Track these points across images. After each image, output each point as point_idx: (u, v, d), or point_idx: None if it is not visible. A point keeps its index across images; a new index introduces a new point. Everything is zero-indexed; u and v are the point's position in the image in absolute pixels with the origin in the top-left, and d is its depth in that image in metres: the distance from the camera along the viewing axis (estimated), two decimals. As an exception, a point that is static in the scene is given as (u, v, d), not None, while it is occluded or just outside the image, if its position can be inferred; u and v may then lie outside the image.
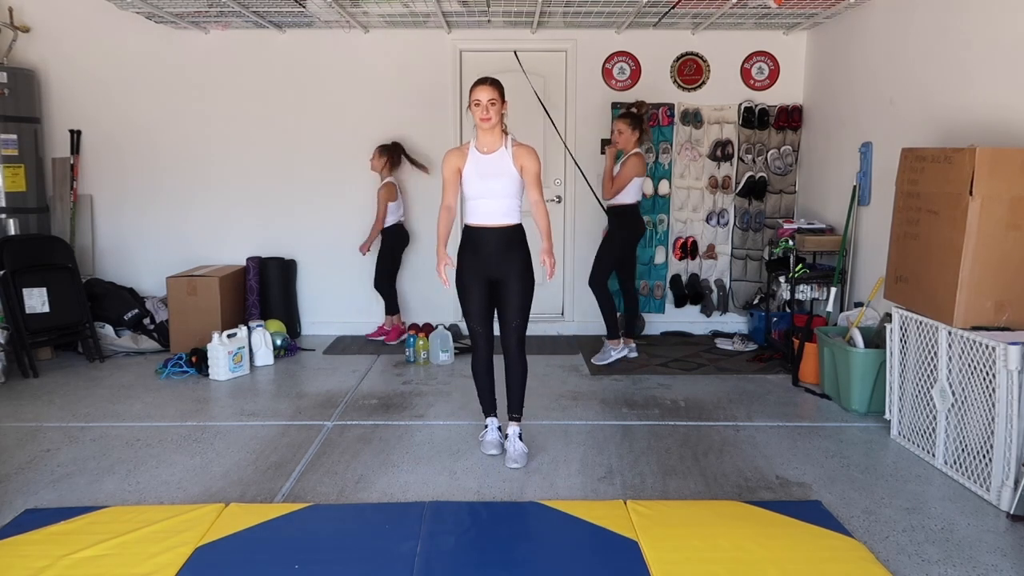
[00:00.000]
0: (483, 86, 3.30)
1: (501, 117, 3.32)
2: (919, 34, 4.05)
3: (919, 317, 3.40)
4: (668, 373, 4.76)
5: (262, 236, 5.69)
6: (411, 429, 3.77)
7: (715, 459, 3.40)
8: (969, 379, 3.09)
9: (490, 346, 3.43)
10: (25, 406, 4.10)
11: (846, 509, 2.91)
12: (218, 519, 2.74)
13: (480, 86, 3.30)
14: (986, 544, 2.65)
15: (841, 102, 4.98)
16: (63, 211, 5.54)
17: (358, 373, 4.76)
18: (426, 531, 2.68)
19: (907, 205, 3.49)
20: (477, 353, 3.44)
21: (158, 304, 5.37)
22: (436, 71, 5.56)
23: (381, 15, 5.07)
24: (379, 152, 5.36)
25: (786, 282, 4.93)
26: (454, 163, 3.35)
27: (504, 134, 3.35)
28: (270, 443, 3.58)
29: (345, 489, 3.09)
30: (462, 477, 3.21)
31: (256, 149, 5.62)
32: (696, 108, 5.60)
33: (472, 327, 3.41)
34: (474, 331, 3.40)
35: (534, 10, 4.92)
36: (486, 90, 3.28)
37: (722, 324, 5.84)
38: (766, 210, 5.67)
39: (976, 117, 3.56)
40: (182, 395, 4.30)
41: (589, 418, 3.94)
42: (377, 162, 5.35)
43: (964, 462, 3.14)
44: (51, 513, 2.82)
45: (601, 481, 3.17)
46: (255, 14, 4.96)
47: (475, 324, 3.39)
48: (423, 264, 5.66)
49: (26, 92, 5.24)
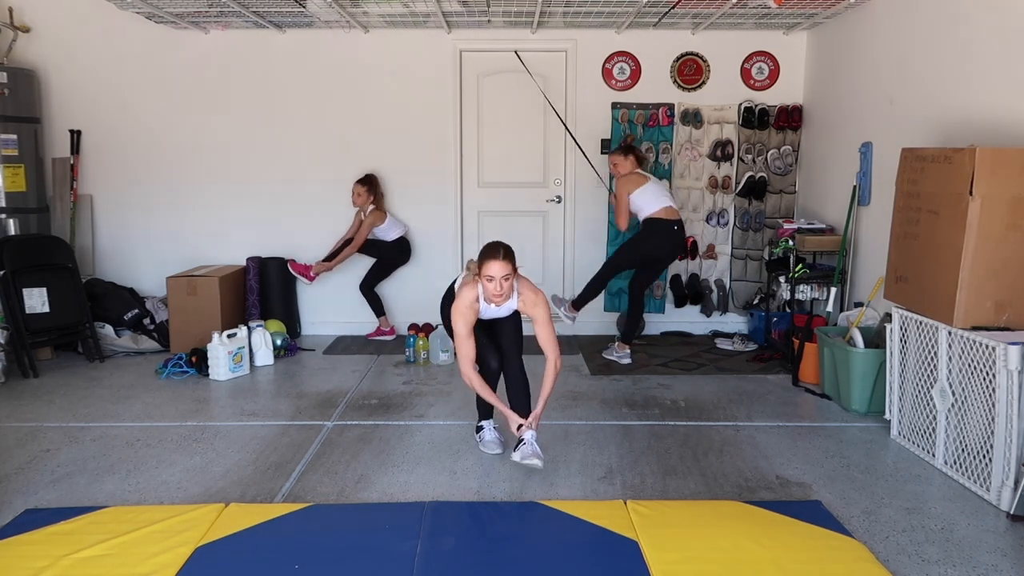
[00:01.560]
0: (496, 261, 3.00)
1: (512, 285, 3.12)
2: (919, 34, 4.05)
3: (919, 317, 3.40)
4: (668, 373, 4.76)
5: (262, 236, 5.69)
6: (411, 429, 3.77)
7: (715, 459, 3.40)
8: (969, 379, 3.09)
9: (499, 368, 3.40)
10: (25, 406, 4.10)
11: (846, 509, 2.91)
12: (218, 519, 2.74)
13: (493, 260, 3.00)
14: (986, 544, 2.65)
15: (841, 102, 4.98)
16: (63, 211, 5.54)
17: (358, 373, 4.76)
18: (426, 531, 2.68)
19: (907, 205, 3.49)
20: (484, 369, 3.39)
21: (158, 304, 5.37)
22: (436, 71, 5.56)
23: (381, 15, 5.07)
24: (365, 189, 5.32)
25: (786, 282, 4.93)
26: (470, 321, 3.17)
27: None
28: (270, 443, 3.58)
29: (345, 489, 3.09)
30: (462, 477, 3.21)
31: (256, 149, 5.62)
32: (696, 108, 5.60)
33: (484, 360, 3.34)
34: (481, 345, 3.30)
35: (534, 10, 4.92)
36: (500, 266, 3.00)
37: (722, 324, 5.84)
38: (766, 210, 5.67)
39: (976, 117, 3.56)
40: (182, 395, 4.30)
41: (589, 418, 3.94)
42: (364, 198, 5.32)
43: (964, 462, 3.14)
44: (51, 513, 2.82)
45: (601, 481, 3.17)
46: (255, 14, 4.96)
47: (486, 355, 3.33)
48: (423, 265, 5.67)
49: (26, 92, 5.24)
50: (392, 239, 5.45)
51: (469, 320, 3.18)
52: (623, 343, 5.03)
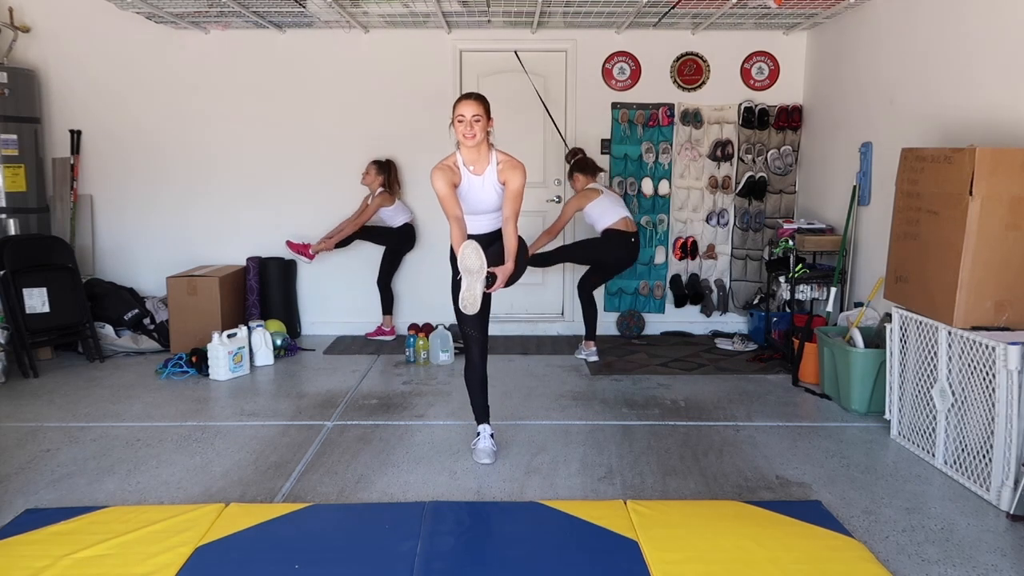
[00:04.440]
0: (467, 101, 3.17)
1: (487, 135, 3.19)
2: (919, 34, 4.05)
3: (919, 317, 3.40)
4: (668, 373, 4.76)
5: (262, 236, 5.69)
6: (411, 429, 3.77)
7: (715, 459, 3.40)
8: (969, 379, 3.09)
9: (484, 352, 3.37)
10: (25, 406, 4.10)
11: (846, 509, 2.91)
12: (218, 519, 2.74)
13: (464, 101, 3.17)
14: (986, 544, 2.65)
15: (841, 102, 4.98)
16: (63, 211, 5.54)
17: (358, 373, 4.76)
18: (426, 531, 2.68)
19: (907, 205, 3.49)
20: (471, 361, 3.37)
21: (158, 304, 5.37)
22: (436, 71, 5.56)
23: (381, 15, 5.07)
24: (376, 169, 5.33)
25: (786, 282, 4.93)
26: (448, 179, 3.19)
27: (490, 148, 3.24)
28: (270, 443, 3.58)
29: (345, 489, 3.09)
30: (462, 477, 3.21)
31: (256, 149, 5.62)
32: (696, 108, 5.60)
33: (466, 331, 3.32)
34: (468, 336, 3.33)
35: (534, 10, 4.92)
36: (470, 105, 3.15)
37: (722, 324, 5.84)
38: (766, 210, 5.67)
39: (976, 117, 3.56)
40: (182, 395, 4.30)
41: (589, 418, 3.94)
42: (373, 179, 5.32)
43: (964, 462, 3.14)
44: (51, 513, 2.82)
45: (601, 481, 3.17)
46: (255, 14, 4.96)
47: (469, 328, 3.31)
48: (423, 265, 5.66)
49: (26, 92, 5.24)
50: (397, 225, 5.44)
51: (447, 177, 3.18)
52: (588, 341, 5.06)
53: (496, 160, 3.24)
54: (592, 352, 5.04)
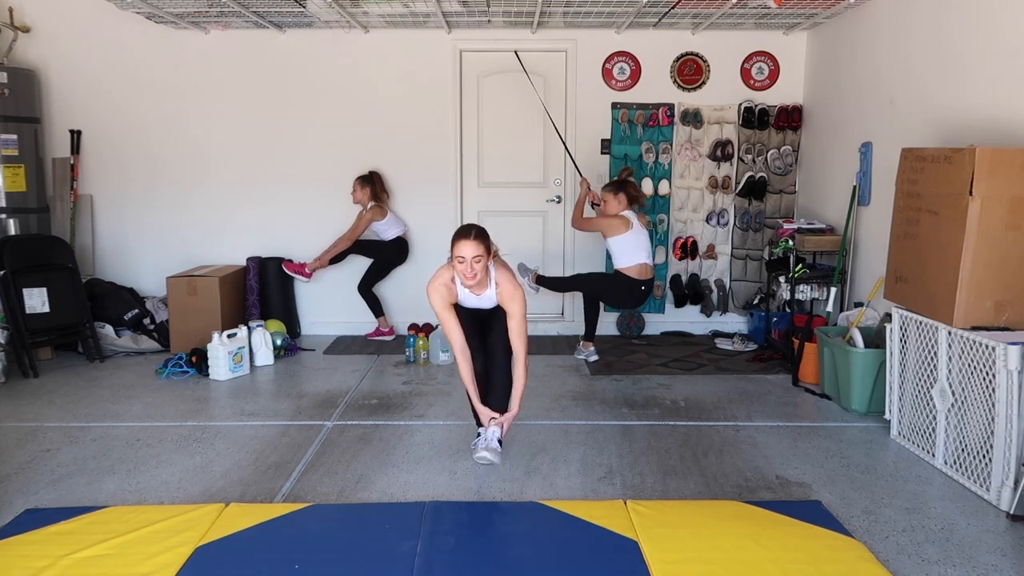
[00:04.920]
0: (467, 241, 2.99)
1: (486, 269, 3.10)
2: (919, 34, 4.05)
3: (919, 317, 3.40)
4: (668, 373, 4.76)
5: (262, 236, 5.69)
6: (411, 429, 3.77)
7: (715, 459, 3.40)
8: (969, 379, 3.09)
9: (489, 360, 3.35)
10: (25, 406, 4.10)
11: (846, 509, 2.91)
12: (218, 519, 2.74)
13: (463, 241, 2.99)
14: (986, 544, 2.65)
15: (841, 102, 4.98)
16: (63, 211, 5.54)
17: (358, 373, 4.76)
18: (426, 531, 2.68)
19: (907, 205, 3.49)
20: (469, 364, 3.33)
21: (158, 304, 5.37)
22: (436, 71, 5.56)
23: (381, 15, 5.07)
24: (361, 184, 5.33)
25: (786, 282, 4.93)
26: (445, 299, 3.15)
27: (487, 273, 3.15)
28: (270, 443, 3.58)
29: (345, 489, 3.09)
30: (462, 477, 3.21)
31: (256, 149, 5.62)
32: (696, 108, 5.60)
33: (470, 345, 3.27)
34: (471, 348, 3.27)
35: (534, 10, 4.92)
36: (471, 246, 2.98)
37: (722, 324, 5.84)
38: (766, 210, 5.67)
39: (976, 117, 3.56)
40: (182, 395, 4.30)
41: (589, 418, 3.94)
42: (361, 194, 5.32)
43: (964, 462, 3.14)
44: (51, 513, 2.82)
45: (601, 481, 3.17)
46: (255, 14, 4.96)
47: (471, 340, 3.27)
48: (423, 265, 5.66)
49: (26, 92, 5.24)
50: (390, 239, 5.44)
51: (444, 298, 3.18)
52: (587, 341, 5.07)
53: (495, 282, 3.18)
54: (592, 352, 5.04)
